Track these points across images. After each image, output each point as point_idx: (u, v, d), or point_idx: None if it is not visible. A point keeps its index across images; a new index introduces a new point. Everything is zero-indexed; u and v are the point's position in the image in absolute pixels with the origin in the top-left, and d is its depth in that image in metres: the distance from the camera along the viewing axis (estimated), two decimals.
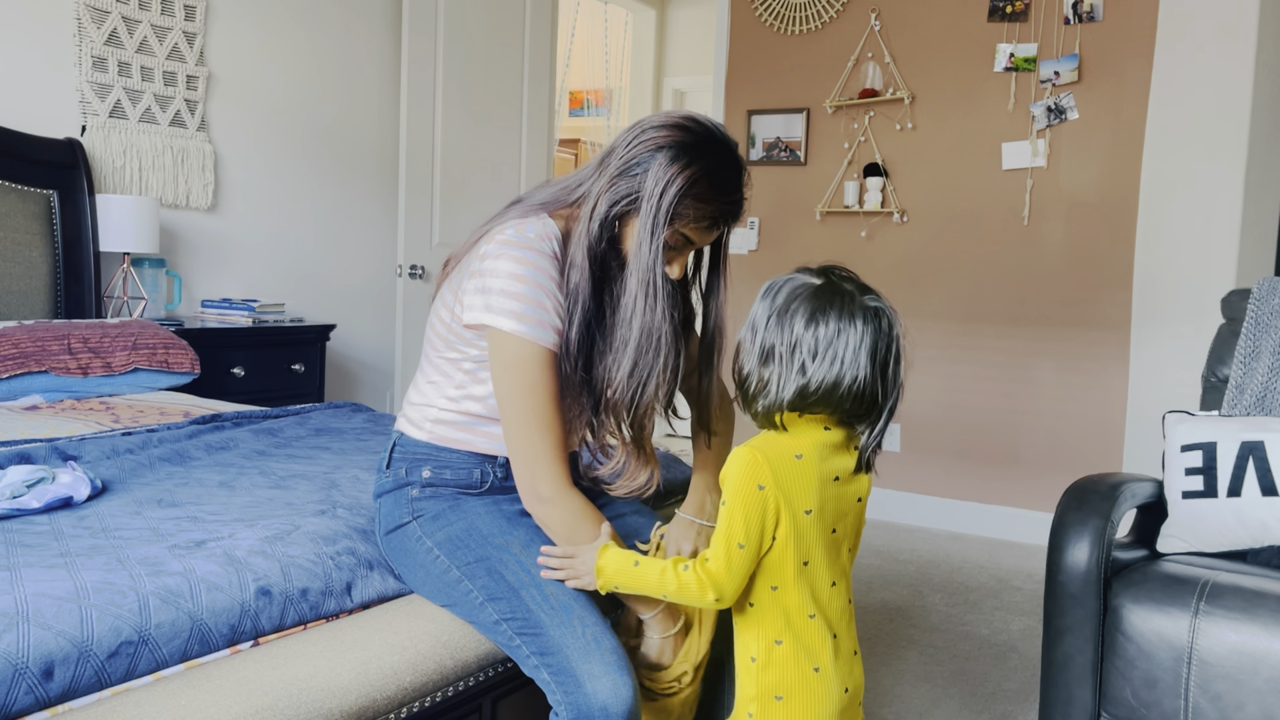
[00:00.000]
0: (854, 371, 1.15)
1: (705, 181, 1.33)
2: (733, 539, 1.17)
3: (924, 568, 3.47)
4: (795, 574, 1.20)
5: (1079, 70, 3.74)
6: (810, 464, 1.19)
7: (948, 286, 4.06)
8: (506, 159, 4.44)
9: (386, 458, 1.49)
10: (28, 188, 2.94)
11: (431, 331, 1.47)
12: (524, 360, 1.32)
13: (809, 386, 1.16)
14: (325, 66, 3.92)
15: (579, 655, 1.24)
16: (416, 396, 1.49)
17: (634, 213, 1.35)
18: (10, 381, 2.40)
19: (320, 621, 1.31)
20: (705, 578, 1.19)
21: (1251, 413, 2.10)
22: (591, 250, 1.36)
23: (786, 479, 1.17)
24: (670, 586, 1.21)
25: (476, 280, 1.35)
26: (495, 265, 1.33)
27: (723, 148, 1.36)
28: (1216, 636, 1.69)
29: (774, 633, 1.21)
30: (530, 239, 1.35)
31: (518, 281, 1.32)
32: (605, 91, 7.27)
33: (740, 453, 1.19)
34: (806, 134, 4.33)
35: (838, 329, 1.15)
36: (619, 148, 1.38)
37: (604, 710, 1.20)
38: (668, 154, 1.32)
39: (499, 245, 1.35)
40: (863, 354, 1.15)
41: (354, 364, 4.15)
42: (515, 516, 1.42)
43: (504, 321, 1.32)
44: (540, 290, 1.33)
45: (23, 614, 1.06)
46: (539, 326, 1.32)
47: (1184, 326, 3.56)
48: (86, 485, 1.58)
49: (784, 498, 1.17)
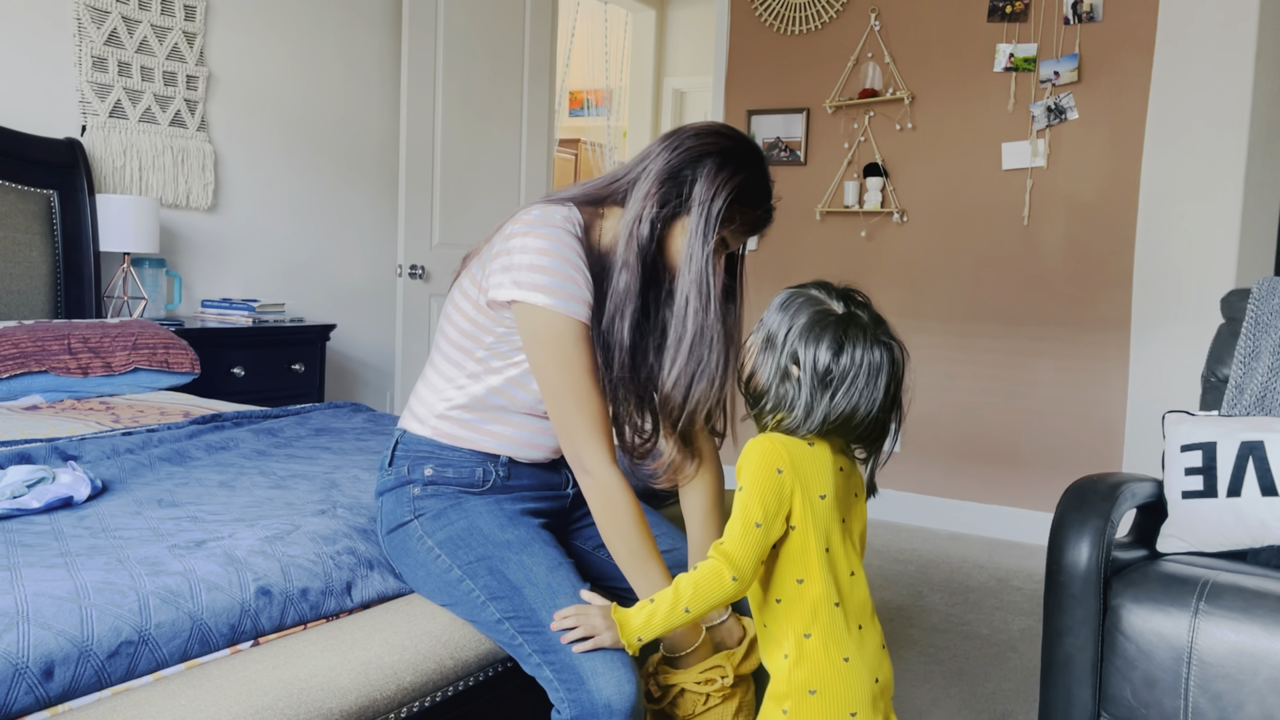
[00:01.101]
0: (869, 405, 1.20)
1: (749, 188, 1.39)
2: (750, 518, 1.19)
3: (924, 568, 3.47)
4: (819, 562, 1.22)
5: (1079, 70, 3.74)
6: (823, 450, 1.23)
7: (948, 286, 4.06)
8: (506, 159, 4.44)
9: (389, 455, 1.49)
10: (28, 188, 2.94)
11: (446, 322, 1.47)
12: (556, 333, 1.33)
13: (830, 415, 1.20)
14: (325, 66, 3.92)
15: (582, 653, 1.24)
16: (424, 390, 1.49)
17: (680, 216, 1.39)
18: (10, 381, 2.40)
19: (320, 621, 1.31)
20: (720, 558, 1.20)
21: (1251, 413, 2.10)
22: (643, 251, 1.39)
23: (802, 463, 1.21)
24: (687, 595, 1.21)
25: (503, 259, 1.36)
26: (522, 243, 1.34)
27: (759, 158, 1.43)
28: (1216, 636, 1.69)
29: (802, 626, 1.22)
30: (556, 220, 1.37)
31: (545, 256, 1.33)
32: (605, 91, 7.27)
33: (758, 440, 1.22)
34: (806, 134, 4.33)
35: (862, 361, 1.20)
36: (660, 154, 1.41)
37: (607, 707, 1.20)
38: (715, 161, 1.38)
39: (525, 224, 1.36)
40: (879, 387, 1.20)
41: (354, 364, 4.15)
42: (516, 515, 1.42)
43: (534, 295, 1.32)
44: (569, 264, 1.34)
45: (23, 614, 1.06)
46: (570, 300, 1.33)
47: (1184, 326, 3.56)
48: (86, 485, 1.58)
49: (800, 482, 1.20)
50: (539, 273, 1.32)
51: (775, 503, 1.19)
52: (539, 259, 1.33)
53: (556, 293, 1.32)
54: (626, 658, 1.25)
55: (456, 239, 4.21)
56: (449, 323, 1.47)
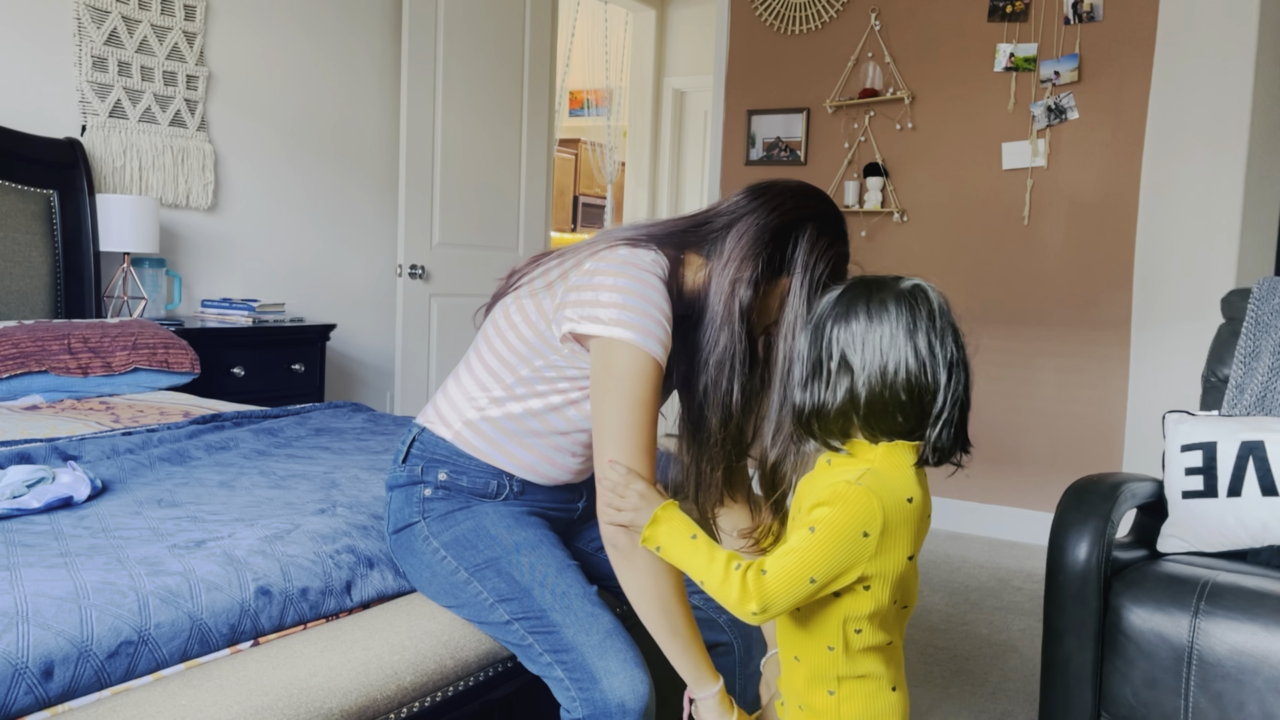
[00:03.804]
0: (896, 357, 1.07)
1: (844, 257, 1.42)
2: (807, 570, 1.06)
3: (924, 568, 3.47)
4: (885, 616, 1.13)
5: (1079, 70, 3.74)
6: (918, 507, 1.10)
7: (947, 286, 4.03)
8: (506, 159, 4.44)
9: (404, 451, 1.47)
10: (28, 187, 2.94)
11: (494, 333, 1.44)
12: (635, 371, 1.29)
13: (856, 388, 1.08)
14: (325, 66, 3.92)
15: (595, 652, 1.23)
16: (455, 391, 1.46)
17: (779, 278, 1.39)
18: (10, 381, 2.40)
19: (320, 621, 1.31)
20: (755, 589, 1.08)
21: (1251, 412, 2.10)
22: (745, 312, 1.37)
23: (895, 523, 1.08)
24: (715, 578, 1.10)
25: (586, 294, 1.32)
26: (612, 281, 1.32)
27: (845, 225, 1.44)
28: (1217, 636, 1.69)
29: (858, 669, 1.14)
30: (645, 262, 1.34)
31: (632, 296, 1.30)
32: (605, 91, 7.27)
33: (854, 491, 1.07)
34: (806, 134, 4.33)
35: (868, 321, 1.10)
36: (756, 211, 1.39)
37: (621, 707, 1.20)
38: (816, 226, 1.38)
39: (613, 264, 1.33)
40: (900, 337, 1.08)
41: (354, 364, 4.15)
42: (523, 516, 1.42)
43: (617, 331, 1.29)
44: (654, 307, 1.31)
45: (22, 614, 1.06)
46: (651, 339, 1.30)
47: (1184, 326, 3.55)
48: (86, 485, 1.57)
49: (888, 544, 1.08)
50: (625, 310, 1.29)
51: (844, 566, 1.07)
52: (625, 299, 1.30)
53: (640, 330, 1.29)
54: (640, 658, 1.25)
55: (456, 239, 4.21)
56: (497, 334, 1.44)
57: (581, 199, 8.52)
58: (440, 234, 4.13)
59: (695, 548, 1.14)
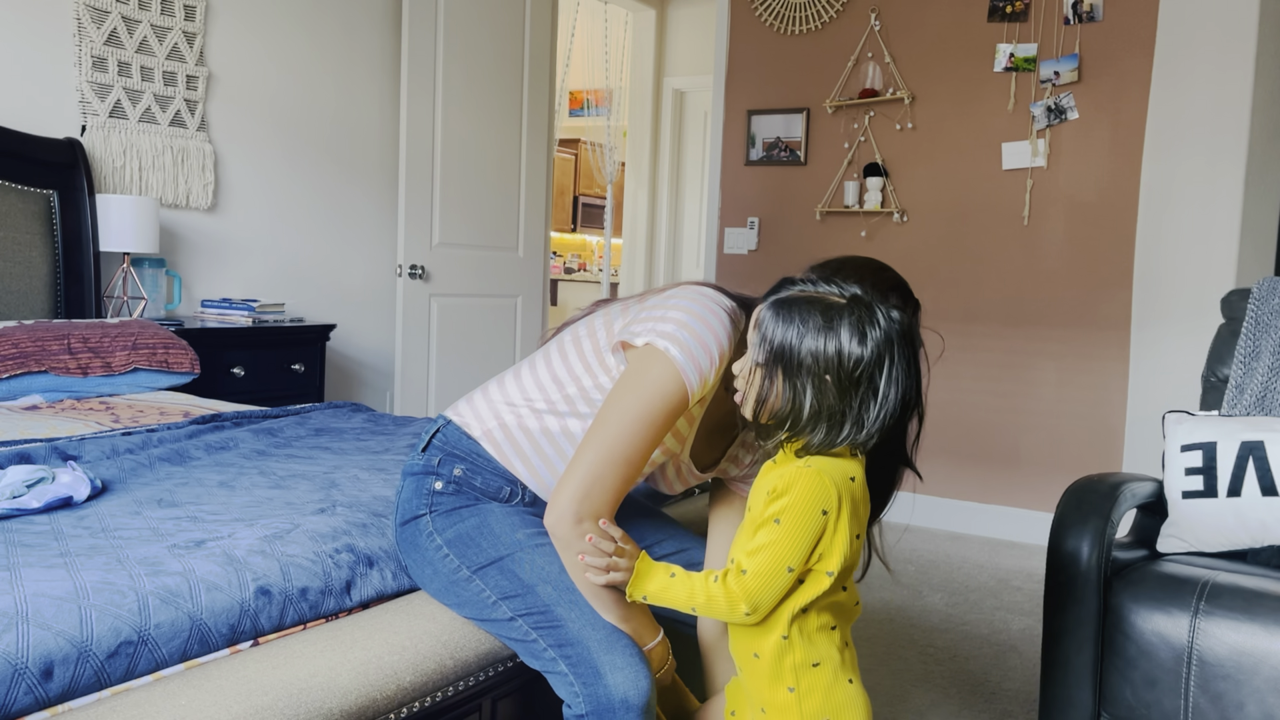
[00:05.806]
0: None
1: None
2: (782, 561, 1.12)
3: (924, 568, 3.47)
4: (841, 606, 1.19)
5: (1079, 70, 3.74)
6: (860, 485, 1.16)
7: (947, 286, 4.06)
8: (506, 159, 4.44)
9: (426, 440, 1.47)
10: (28, 188, 2.94)
11: (558, 349, 1.45)
12: (661, 388, 1.28)
13: (887, 413, 1.14)
14: (325, 66, 3.92)
15: (601, 647, 1.24)
16: (496, 392, 1.46)
17: None
18: (10, 381, 2.40)
19: (320, 621, 1.31)
20: (740, 591, 1.13)
21: (1251, 413, 2.10)
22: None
23: (846, 501, 1.13)
24: (701, 598, 1.17)
25: (656, 312, 1.33)
26: (685, 305, 1.32)
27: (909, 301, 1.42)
28: (1216, 636, 1.69)
29: (810, 656, 1.18)
30: (724, 304, 1.35)
31: (695, 320, 1.30)
32: (605, 91, 7.26)
33: (805, 474, 1.13)
34: (806, 134, 4.33)
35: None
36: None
37: (624, 702, 1.21)
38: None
39: (690, 296, 1.34)
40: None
41: (354, 364, 4.15)
42: (527, 515, 1.42)
43: (664, 344, 1.28)
44: (712, 340, 1.30)
45: (22, 614, 1.06)
46: (692, 367, 1.28)
47: (1184, 326, 3.56)
48: (86, 485, 1.57)
49: (842, 521, 1.13)
50: (682, 329, 1.29)
51: (810, 546, 1.12)
52: (689, 320, 1.30)
53: (686, 354, 1.28)
54: (642, 655, 1.26)
55: (456, 239, 4.21)
56: (558, 350, 1.44)
57: (581, 199, 8.52)
58: (440, 234, 4.13)
59: (676, 584, 1.20)
